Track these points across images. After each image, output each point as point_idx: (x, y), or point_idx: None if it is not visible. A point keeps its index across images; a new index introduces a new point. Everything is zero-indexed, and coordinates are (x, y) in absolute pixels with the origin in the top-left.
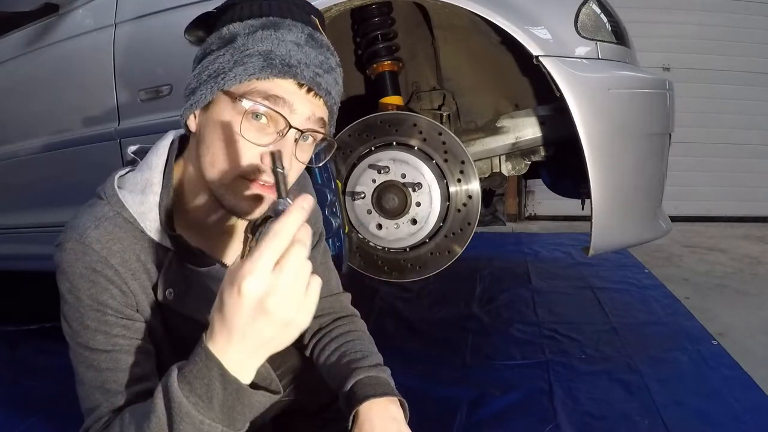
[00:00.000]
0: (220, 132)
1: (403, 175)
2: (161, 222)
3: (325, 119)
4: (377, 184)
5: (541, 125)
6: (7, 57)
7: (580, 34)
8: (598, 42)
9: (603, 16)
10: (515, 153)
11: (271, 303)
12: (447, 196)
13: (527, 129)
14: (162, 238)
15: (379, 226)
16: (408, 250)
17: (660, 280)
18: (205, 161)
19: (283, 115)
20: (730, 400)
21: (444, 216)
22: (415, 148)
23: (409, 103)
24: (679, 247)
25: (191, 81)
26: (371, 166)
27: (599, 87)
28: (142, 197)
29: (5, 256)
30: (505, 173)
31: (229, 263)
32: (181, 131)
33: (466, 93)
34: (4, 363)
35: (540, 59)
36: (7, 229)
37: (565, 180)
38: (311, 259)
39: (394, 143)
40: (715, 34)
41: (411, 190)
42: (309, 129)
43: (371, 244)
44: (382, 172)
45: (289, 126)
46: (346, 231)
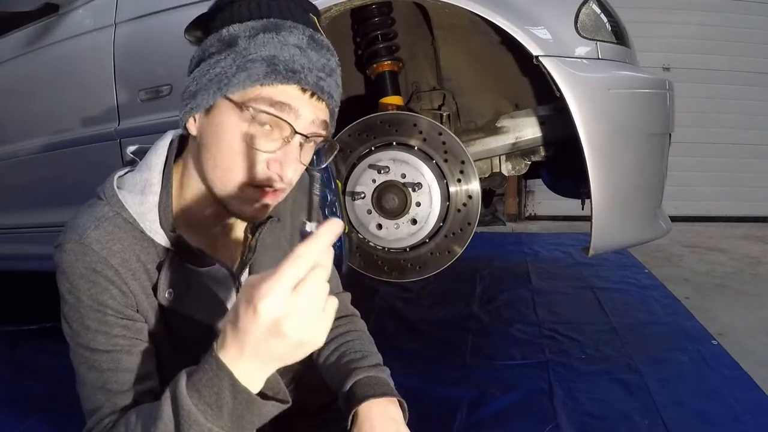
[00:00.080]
0: (224, 138)
1: (403, 175)
2: (161, 222)
3: (327, 121)
4: (377, 184)
5: (541, 125)
6: (7, 57)
7: (580, 34)
8: (598, 42)
9: (603, 16)
10: (515, 153)
11: (287, 325)
12: (447, 196)
13: (527, 129)
14: (162, 238)
15: (379, 226)
16: (408, 250)
17: (660, 280)
18: (208, 166)
19: (290, 123)
20: (730, 400)
21: (444, 216)
22: (415, 148)
23: (409, 103)
24: (679, 247)
25: (190, 83)
26: (371, 166)
27: (599, 87)
28: (141, 197)
29: (5, 256)
30: (505, 173)
31: (230, 263)
32: (180, 131)
33: (466, 93)
34: (4, 363)
35: (540, 59)
36: (7, 229)
37: (565, 180)
38: None
39: (394, 143)
40: (715, 34)
41: (411, 190)
42: (313, 133)
43: (371, 244)
44: (382, 172)
45: (295, 132)
46: (346, 231)
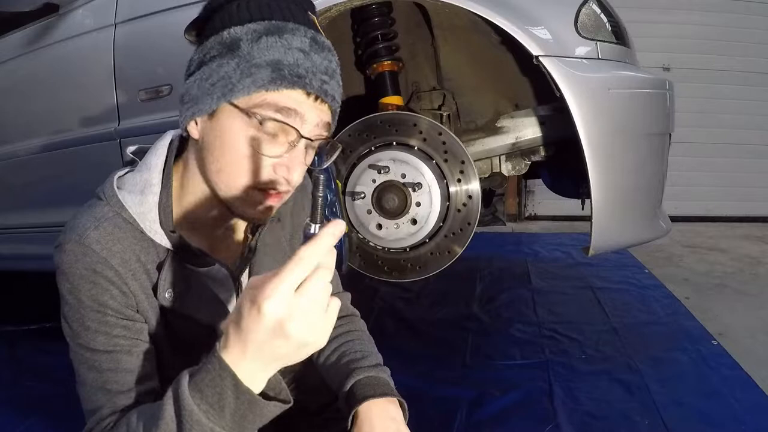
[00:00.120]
0: (229, 143)
1: (403, 175)
2: (161, 222)
3: (330, 122)
4: (377, 184)
5: (541, 125)
6: (7, 57)
7: (580, 34)
8: (598, 42)
9: (603, 16)
10: (515, 153)
11: (290, 326)
12: (447, 196)
13: (527, 129)
14: (161, 238)
15: (379, 226)
16: (408, 250)
17: (660, 280)
18: (213, 169)
19: (297, 129)
20: (730, 400)
21: (444, 216)
22: (415, 148)
23: (409, 103)
24: (679, 247)
25: (191, 86)
26: (371, 166)
27: (599, 87)
28: (141, 197)
29: (5, 256)
30: (505, 173)
31: (229, 263)
32: (180, 131)
33: (466, 93)
34: (4, 363)
35: (540, 59)
36: (7, 229)
37: (565, 180)
38: None
39: (394, 143)
40: (715, 34)
41: (411, 190)
42: (317, 136)
43: (371, 244)
44: (382, 172)
45: (301, 137)
46: (346, 231)
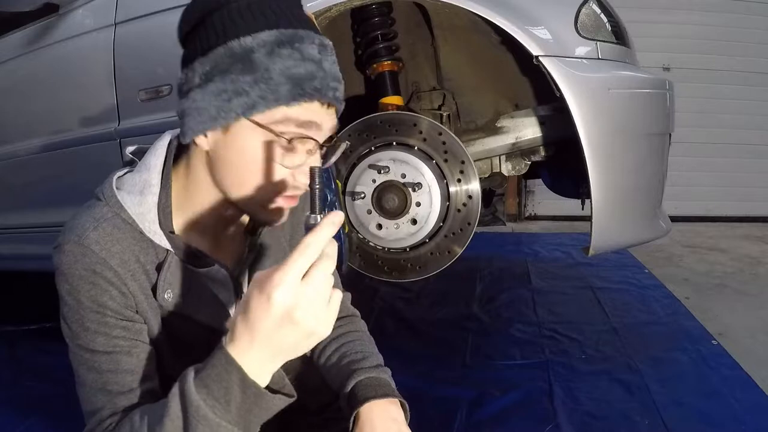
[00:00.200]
0: (252, 159)
1: (403, 175)
2: (160, 223)
3: (337, 123)
4: (377, 184)
5: (541, 125)
6: (7, 57)
7: (580, 34)
8: (598, 42)
9: (603, 16)
10: (515, 153)
11: (299, 314)
12: (447, 196)
13: (527, 129)
14: (160, 239)
15: (379, 226)
16: (408, 250)
17: (660, 280)
18: (232, 182)
19: (317, 140)
20: (730, 400)
21: (444, 216)
22: (415, 148)
23: (409, 103)
24: (679, 247)
25: (199, 99)
26: (371, 166)
27: (599, 87)
28: (140, 198)
29: (5, 256)
30: (505, 173)
31: (229, 264)
32: (178, 131)
33: (466, 93)
34: (4, 363)
35: (540, 59)
36: (7, 229)
37: (565, 180)
38: None
39: (394, 143)
40: (715, 34)
41: (411, 190)
42: (328, 139)
43: (371, 244)
44: (382, 172)
45: (320, 146)
46: (346, 231)
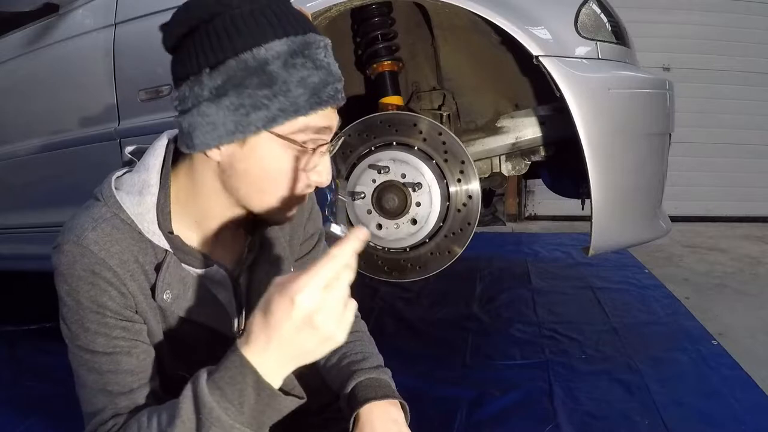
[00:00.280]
0: (275, 170)
1: (403, 175)
2: (159, 223)
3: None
4: (377, 184)
5: (541, 125)
6: (7, 57)
7: (580, 34)
8: (598, 42)
9: (603, 16)
10: (515, 153)
11: (319, 319)
12: (447, 196)
13: (527, 129)
14: (159, 239)
15: (379, 226)
16: (408, 250)
17: (660, 280)
18: (244, 191)
19: (330, 143)
20: (730, 400)
21: (444, 216)
22: (415, 148)
23: (409, 103)
24: (679, 247)
25: (212, 113)
26: (371, 166)
27: (599, 87)
28: (139, 198)
29: (5, 256)
30: (505, 173)
31: (228, 264)
32: (176, 132)
33: (466, 93)
34: (4, 363)
35: (540, 59)
36: (7, 229)
37: (565, 180)
38: (312, 259)
39: (394, 143)
40: (715, 34)
41: (411, 190)
42: (333, 139)
43: (371, 244)
44: (382, 172)
45: (333, 149)
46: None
